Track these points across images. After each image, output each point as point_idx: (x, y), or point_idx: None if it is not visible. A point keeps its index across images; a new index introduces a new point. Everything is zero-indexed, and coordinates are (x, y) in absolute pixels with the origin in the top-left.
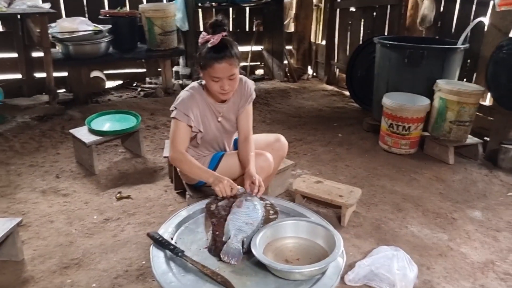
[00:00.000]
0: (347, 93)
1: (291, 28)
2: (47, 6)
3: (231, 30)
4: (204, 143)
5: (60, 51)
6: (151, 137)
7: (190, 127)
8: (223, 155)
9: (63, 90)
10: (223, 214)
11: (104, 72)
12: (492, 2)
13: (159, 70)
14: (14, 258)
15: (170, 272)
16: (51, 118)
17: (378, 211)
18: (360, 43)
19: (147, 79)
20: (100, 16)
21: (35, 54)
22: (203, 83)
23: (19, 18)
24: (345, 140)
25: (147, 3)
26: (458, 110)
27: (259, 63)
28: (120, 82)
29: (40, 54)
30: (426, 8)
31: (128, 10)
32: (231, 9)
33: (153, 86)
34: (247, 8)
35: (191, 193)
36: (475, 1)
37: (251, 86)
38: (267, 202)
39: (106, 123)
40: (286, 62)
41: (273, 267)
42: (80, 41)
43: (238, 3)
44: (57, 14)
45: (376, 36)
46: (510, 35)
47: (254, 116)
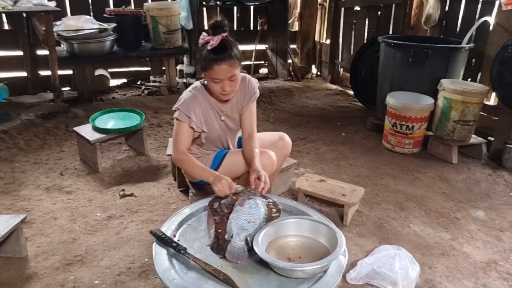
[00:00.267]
0: (351, 92)
1: (296, 27)
2: (52, 4)
3: (235, 28)
4: (208, 142)
5: (65, 49)
6: (154, 135)
7: (192, 128)
8: (227, 153)
9: (67, 88)
10: (226, 212)
11: (109, 70)
12: (498, 2)
13: (163, 68)
14: (18, 255)
15: (173, 269)
16: (55, 116)
17: (381, 210)
18: (365, 42)
19: (151, 78)
20: (105, 15)
21: (40, 52)
22: (206, 83)
23: (24, 16)
24: (348, 139)
25: (152, 1)
26: (462, 110)
27: (263, 62)
28: (125, 80)
29: (45, 52)
30: (431, 7)
31: (132, 8)
32: (235, 7)
33: (157, 84)
34: (252, 7)
35: (194, 191)
36: (481, 0)
37: (254, 84)
38: (270, 200)
39: (110, 121)
40: (290, 61)
41: (275, 265)
42: (85, 39)
43: (242, 2)
44: (62, 13)
45: (380, 35)
46: None
47: (257, 114)
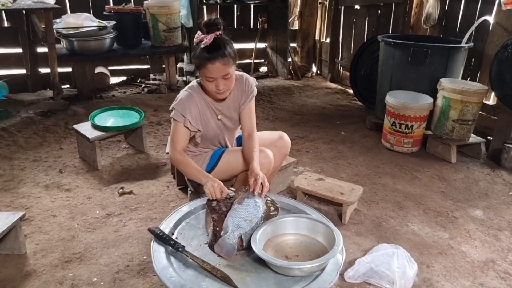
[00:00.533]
0: (350, 91)
1: (296, 26)
2: (52, 1)
3: (235, 27)
4: (205, 140)
5: (64, 46)
6: (154, 133)
7: (187, 127)
8: (224, 152)
9: (67, 85)
10: (224, 211)
11: (108, 68)
12: (497, 1)
13: (163, 66)
14: (16, 252)
15: (171, 267)
16: (55, 114)
17: (379, 209)
18: (364, 41)
19: (151, 76)
20: (104, 12)
21: (40, 50)
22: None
23: (24, 13)
24: (347, 138)
25: None
26: (461, 109)
27: (263, 60)
28: (124, 78)
29: (44, 49)
30: (431, 7)
31: (132, 6)
32: (236, 6)
33: (157, 82)
34: (252, 5)
35: (193, 189)
36: None
37: (252, 82)
38: (268, 198)
39: (109, 119)
40: (290, 59)
41: (272, 263)
42: (85, 37)
43: (242, 0)
44: (62, 10)
45: (380, 34)
46: None
47: (257, 113)
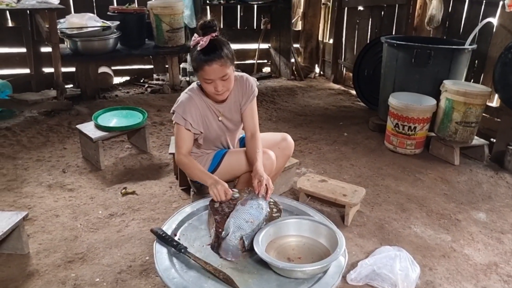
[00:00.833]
0: (353, 92)
1: (299, 27)
2: (56, 1)
3: (238, 27)
4: (207, 142)
5: (68, 46)
6: (157, 133)
7: (189, 130)
8: (226, 153)
9: (70, 85)
10: (227, 212)
11: (112, 68)
12: (501, 3)
13: (167, 66)
14: (19, 252)
15: (173, 268)
16: (58, 113)
17: (382, 211)
18: (368, 42)
19: (155, 76)
20: (108, 12)
21: (44, 50)
22: None
23: (28, 13)
24: (350, 139)
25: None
26: (464, 111)
27: (266, 61)
28: (128, 78)
29: (48, 49)
30: (434, 8)
31: (136, 6)
32: (239, 6)
33: (160, 82)
34: (255, 6)
35: (196, 190)
36: (484, 1)
37: (252, 83)
38: (271, 200)
39: (112, 119)
40: (293, 60)
41: (275, 265)
42: (89, 37)
43: (246, 1)
44: (66, 10)
45: (383, 35)
46: None
47: (260, 114)
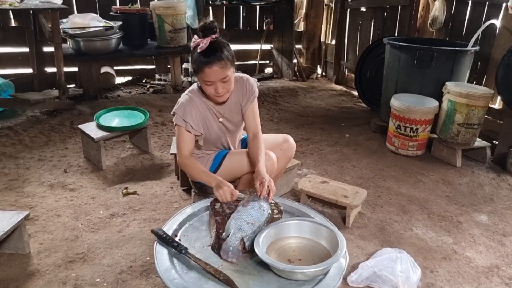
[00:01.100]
0: (355, 93)
1: (301, 27)
2: (59, 2)
3: (241, 28)
4: (208, 143)
5: (71, 46)
6: (158, 133)
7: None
8: (227, 154)
9: (73, 85)
10: (228, 213)
11: (114, 68)
12: (504, 4)
13: (169, 67)
14: (20, 251)
15: (173, 269)
16: (60, 113)
17: (383, 213)
18: (370, 43)
19: (157, 76)
20: (111, 13)
21: (47, 49)
22: None
23: (31, 13)
24: (352, 140)
25: (158, 0)
26: (466, 113)
27: (268, 61)
28: (130, 78)
29: (51, 49)
30: (437, 10)
31: (139, 6)
32: (241, 7)
33: (162, 83)
34: (258, 7)
35: (197, 190)
36: (487, 3)
37: (253, 83)
38: (272, 201)
39: (114, 119)
40: (295, 61)
41: (275, 267)
42: (91, 37)
43: (248, 1)
44: (68, 10)
45: (386, 36)
46: None
47: (261, 114)
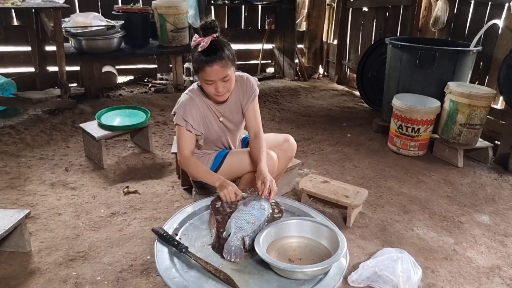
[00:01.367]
0: (357, 93)
1: (303, 27)
2: (61, 1)
3: (243, 28)
4: (208, 142)
5: (73, 45)
6: (160, 133)
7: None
8: (228, 153)
9: (75, 84)
10: (228, 212)
11: (116, 67)
12: (507, 5)
13: (170, 66)
14: (21, 250)
15: (174, 267)
16: (62, 112)
17: (384, 213)
18: (372, 43)
19: (158, 75)
20: (113, 12)
21: (49, 48)
22: None
23: (33, 12)
24: (353, 140)
25: None
26: (468, 113)
27: (270, 61)
28: (132, 77)
29: (53, 48)
30: (440, 10)
31: (141, 6)
32: (243, 6)
33: (164, 82)
34: (260, 6)
35: (198, 189)
36: (490, 3)
37: (253, 82)
38: (272, 200)
39: (116, 118)
40: (297, 60)
41: (275, 266)
42: (93, 36)
43: (250, 1)
44: (71, 9)
45: (388, 36)
46: None
47: (263, 114)
